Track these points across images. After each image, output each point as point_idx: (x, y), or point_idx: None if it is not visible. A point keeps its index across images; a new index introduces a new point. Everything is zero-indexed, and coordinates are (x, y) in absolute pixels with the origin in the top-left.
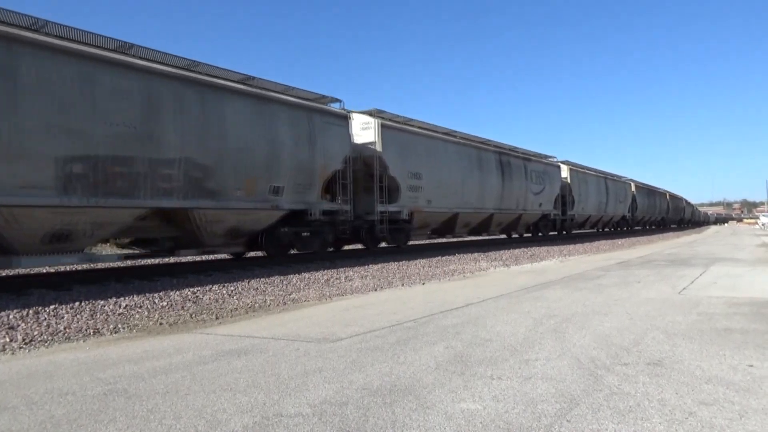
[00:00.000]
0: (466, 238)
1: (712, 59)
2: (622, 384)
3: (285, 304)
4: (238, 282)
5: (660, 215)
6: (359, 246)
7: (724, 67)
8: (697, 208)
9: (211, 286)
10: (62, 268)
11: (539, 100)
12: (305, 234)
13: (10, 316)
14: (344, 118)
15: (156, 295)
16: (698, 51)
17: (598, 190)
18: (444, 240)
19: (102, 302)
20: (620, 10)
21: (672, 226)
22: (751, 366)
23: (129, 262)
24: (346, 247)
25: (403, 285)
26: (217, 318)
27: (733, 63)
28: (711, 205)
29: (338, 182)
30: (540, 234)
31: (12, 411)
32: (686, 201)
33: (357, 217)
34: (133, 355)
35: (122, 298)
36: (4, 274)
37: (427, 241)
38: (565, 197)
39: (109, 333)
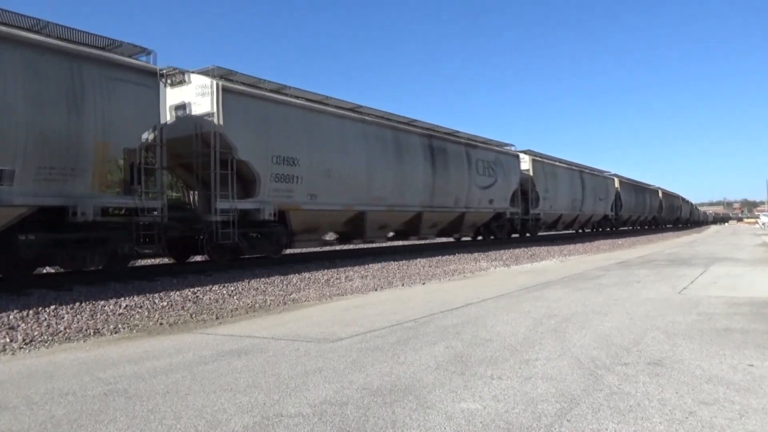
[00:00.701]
0: (388, 244)
1: (712, 58)
2: (622, 384)
3: (285, 304)
4: (238, 282)
5: (651, 214)
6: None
7: (724, 66)
8: (696, 207)
9: (211, 286)
10: (61, 269)
11: (538, 99)
12: (71, 245)
13: (11, 317)
14: (151, 75)
15: (156, 295)
16: (698, 50)
17: (572, 185)
18: (442, 240)
19: (102, 302)
20: (620, 10)
21: (666, 226)
22: (752, 366)
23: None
24: (195, 259)
25: (403, 285)
26: (217, 318)
27: (734, 62)
28: (711, 204)
29: (138, 167)
30: (493, 237)
31: (12, 411)
32: (683, 199)
33: (186, 219)
34: (133, 355)
35: (122, 299)
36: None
37: (326, 249)
38: (527, 193)
39: (109, 333)
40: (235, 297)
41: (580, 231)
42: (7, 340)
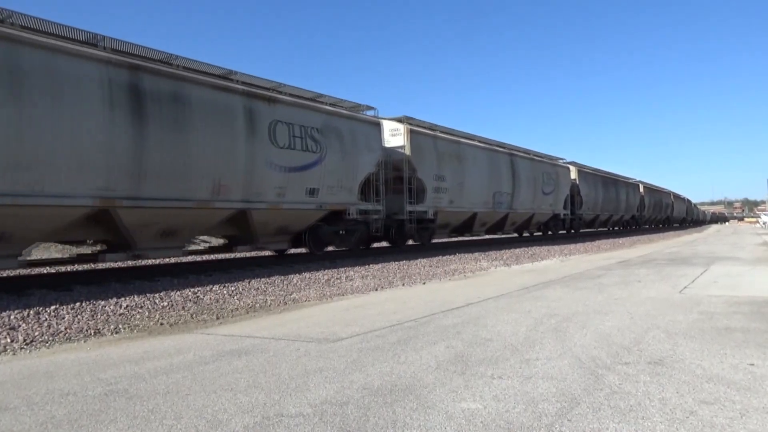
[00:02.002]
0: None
1: (712, 57)
2: (622, 383)
3: (285, 304)
4: (238, 282)
5: (628, 213)
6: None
7: (724, 65)
8: (694, 206)
9: (211, 286)
10: (62, 269)
11: (538, 99)
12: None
13: (11, 317)
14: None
15: (157, 295)
16: (698, 49)
17: (492, 171)
18: (451, 240)
19: (103, 302)
20: (618, 10)
21: (647, 227)
22: (752, 365)
23: (130, 263)
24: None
25: (403, 285)
26: (217, 318)
27: (735, 61)
28: (712, 204)
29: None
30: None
31: (13, 411)
32: (675, 195)
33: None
34: (133, 355)
35: (123, 299)
36: (5, 274)
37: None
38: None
39: (110, 333)
40: (235, 297)
41: (504, 236)
42: (8, 340)
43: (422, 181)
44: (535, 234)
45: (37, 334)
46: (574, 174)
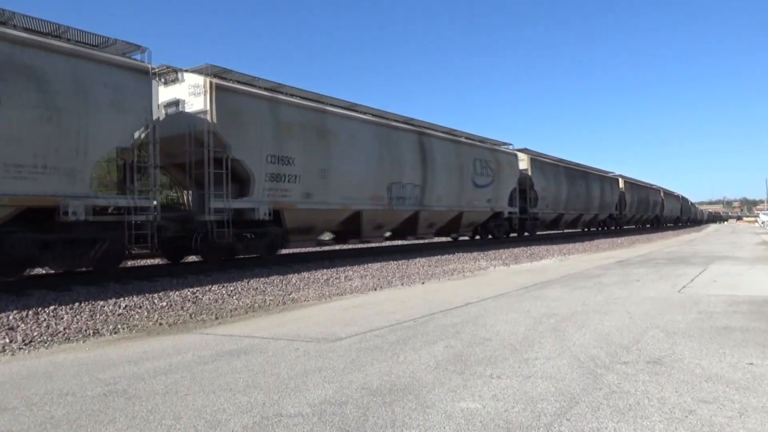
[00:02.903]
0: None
1: (711, 57)
2: (621, 382)
3: (284, 303)
4: (237, 282)
5: (604, 211)
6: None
7: (723, 64)
8: (691, 204)
9: (210, 286)
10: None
11: (536, 99)
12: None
13: (10, 317)
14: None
15: (155, 295)
16: (697, 49)
17: (383, 158)
18: (442, 240)
19: (101, 303)
20: (618, 8)
21: (630, 227)
22: (751, 364)
23: (129, 263)
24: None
25: (402, 284)
26: (216, 318)
27: (734, 61)
28: (711, 203)
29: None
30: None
31: (12, 412)
32: (665, 192)
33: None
34: (132, 355)
35: (122, 299)
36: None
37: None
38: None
39: (108, 333)
40: (234, 297)
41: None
42: (7, 340)
43: (243, 164)
44: (464, 238)
45: (35, 334)
46: (525, 163)
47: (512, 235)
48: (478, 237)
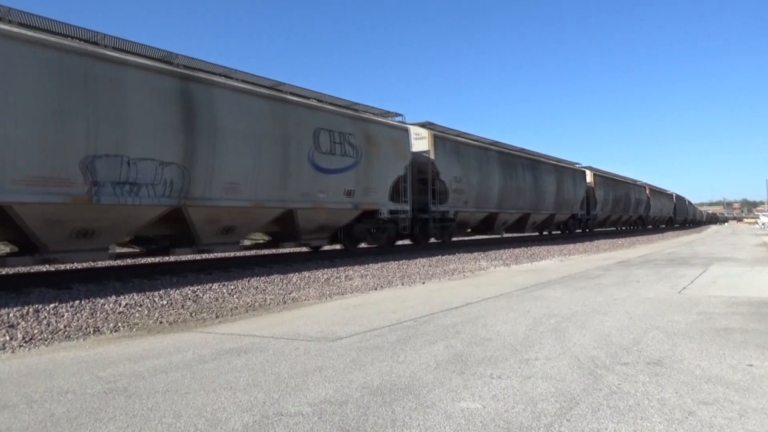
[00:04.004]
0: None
1: (711, 57)
2: (621, 383)
3: (285, 302)
4: (238, 281)
5: (564, 211)
6: (407, 242)
7: (723, 65)
8: (689, 203)
9: (211, 284)
10: (61, 267)
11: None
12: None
13: (10, 315)
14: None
15: (156, 293)
16: (697, 49)
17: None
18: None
19: (102, 301)
20: (618, 9)
21: (599, 230)
22: (751, 365)
23: (129, 261)
24: (399, 243)
25: (403, 284)
26: (217, 317)
27: (734, 61)
28: (711, 204)
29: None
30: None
31: (12, 409)
32: (652, 189)
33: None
34: (133, 353)
35: (122, 297)
36: (3, 272)
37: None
38: None
39: (109, 331)
40: (235, 296)
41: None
42: (7, 338)
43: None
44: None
45: (36, 332)
46: (426, 143)
47: (403, 242)
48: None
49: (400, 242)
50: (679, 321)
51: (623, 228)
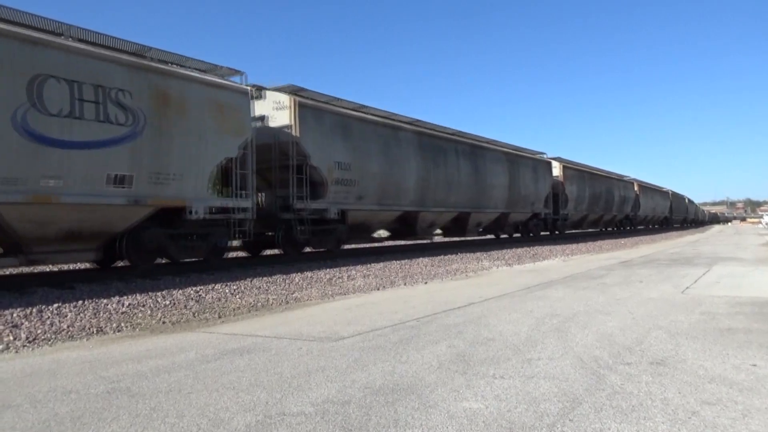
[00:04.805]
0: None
1: (715, 56)
2: (624, 383)
3: (287, 303)
4: (240, 281)
5: (521, 210)
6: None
7: (726, 64)
8: (688, 202)
9: (213, 284)
10: (65, 267)
11: (538, 99)
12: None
13: (14, 315)
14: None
15: (159, 293)
16: (701, 48)
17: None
18: (444, 240)
19: (105, 301)
20: (618, 9)
21: (571, 232)
22: (755, 365)
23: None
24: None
25: (405, 284)
26: (219, 317)
27: (737, 61)
28: (714, 204)
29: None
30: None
31: (16, 409)
32: (642, 186)
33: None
34: (136, 353)
35: (125, 297)
36: (8, 272)
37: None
38: None
39: (112, 331)
40: (237, 296)
41: None
42: (11, 338)
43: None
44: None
45: (39, 332)
46: (286, 116)
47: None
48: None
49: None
50: (682, 321)
51: (609, 229)
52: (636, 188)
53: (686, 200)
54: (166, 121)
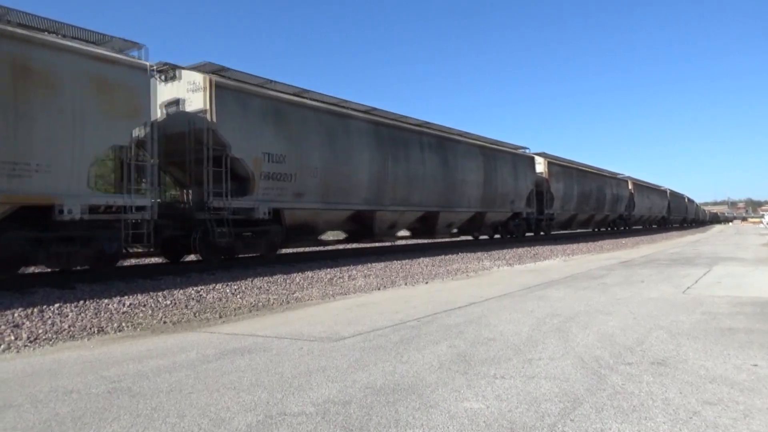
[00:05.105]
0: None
1: (715, 56)
2: (625, 383)
3: (288, 303)
4: (241, 281)
5: (499, 209)
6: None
7: (727, 64)
8: (687, 201)
9: (214, 284)
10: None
11: (539, 98)
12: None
13: (15, 315)
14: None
15: (160, 293)
16: (701, 48)
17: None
18: (445, 240)
19: (106, 301)
20: (618, 9)
21: (557, 233)
22: (756, 365)
23: (133, 261)
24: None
25: (406, 284)
26: (220, 317)
27: (738, 60)
28: (715, 204)
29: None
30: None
31: (17, 409)
32: (636, 183)
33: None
34: (137, 353)
35: (126, 297)
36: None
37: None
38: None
39: (113, 331)
40: (238, 296)
41: None
42: (12, 338)
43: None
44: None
45: (40, 331)
46: (200, 99)
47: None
48: None
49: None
50: (683, 321)
51: (603, 229)
52: (630, 186)
53: (685, 199)
54: (25, 100)
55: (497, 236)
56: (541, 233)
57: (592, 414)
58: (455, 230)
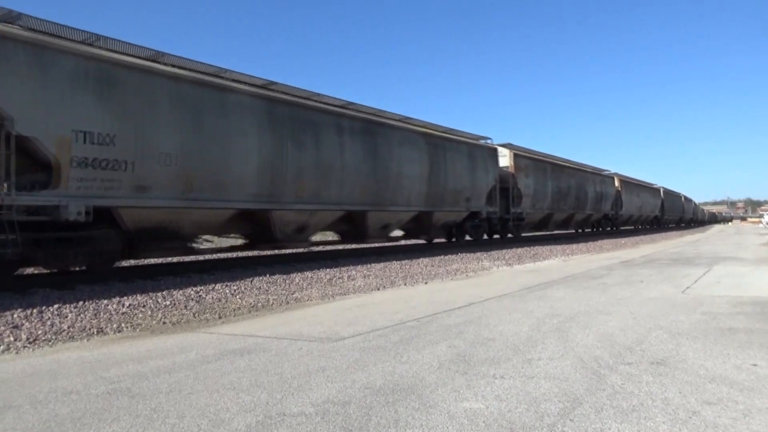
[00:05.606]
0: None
1: (715, 56)
2: (625, 383)
3: (288, 303)
4: (240, 281)
5: (452, 208)
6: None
7: (727, 64)
8: (684, 200)
9: (214, 285)
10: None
11: (540, 98)
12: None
13: (14, 315)
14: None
15: (159, 294)
16: (701, 48)
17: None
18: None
19: (106, 301)
20: (618, 9)
21: (528, 234)
22: (756, 365)
23: (132, 262)
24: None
25: (405, 284)
26: (220, 317)
27: (738, 60)
28: (715, 203)
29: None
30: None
31: (16, 410)
32: (624, 180)
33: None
34: (136, 354)
35: (126, 298)
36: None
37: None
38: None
39: (112, 332)
40: (237, 296)
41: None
42: (11, 338)
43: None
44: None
45: (40, 332)
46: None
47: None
48: None
49: None
50: (683, 321)
51: (588, 230)
52: (617, 184)
53: (682, 198)
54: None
55: (453, 240)
56: (509, 235)
57: (591, 414)
58: (397, 233)
